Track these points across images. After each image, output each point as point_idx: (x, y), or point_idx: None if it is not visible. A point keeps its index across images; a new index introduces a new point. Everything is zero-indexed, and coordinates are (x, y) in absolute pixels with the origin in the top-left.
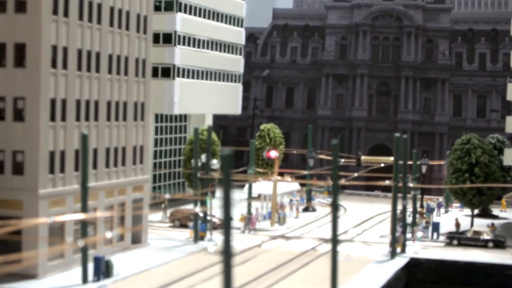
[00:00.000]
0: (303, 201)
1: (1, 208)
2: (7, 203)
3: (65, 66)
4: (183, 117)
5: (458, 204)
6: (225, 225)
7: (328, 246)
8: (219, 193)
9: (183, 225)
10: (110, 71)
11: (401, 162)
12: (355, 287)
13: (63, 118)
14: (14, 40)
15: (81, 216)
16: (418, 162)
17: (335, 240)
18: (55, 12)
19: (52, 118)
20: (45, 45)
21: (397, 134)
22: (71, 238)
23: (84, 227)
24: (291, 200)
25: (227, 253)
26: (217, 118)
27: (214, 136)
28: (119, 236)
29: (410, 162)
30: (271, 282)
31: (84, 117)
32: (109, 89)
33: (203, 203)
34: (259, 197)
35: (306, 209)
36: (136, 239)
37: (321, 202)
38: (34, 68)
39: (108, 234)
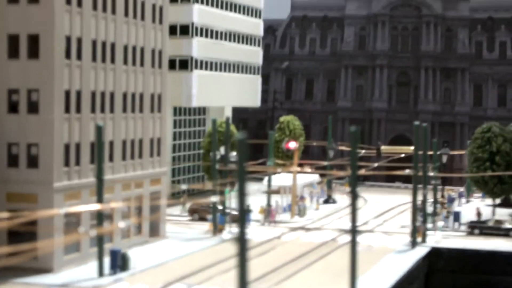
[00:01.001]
0: (324, 193)
1: (16, 202)
2: (22, 196)
3: (79, 57)
4: (202, 110)
5: (480, 194)
6: (240, 205)
7: (348, 237)
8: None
9: (202, 219)
10: (125, 62)
11: (421, 152)
12: (375, 276)
13: (78, 110)
14: (27, 31)
15: (95, 206)
16: (438, 152)
17: (354, 229)
18: (68, 2)
19: (67, 110)
20: (59, 36)
21: (417, 122)
22: (84, 229)
23: (99, 218)
24: (311, 192)
25: (242, 239)
26: (236, 111)
27: (233, 128)
28: (136, 229)
29: (430, 152)
30: (290, 272)
31: (100, 108)
32: (124, 80)
33: (222, 194)
34: (279, 189)
35: (326, 201)
36: (155, 233)
37: (341, 193)
38: (48, 59)
39: (121, 224)
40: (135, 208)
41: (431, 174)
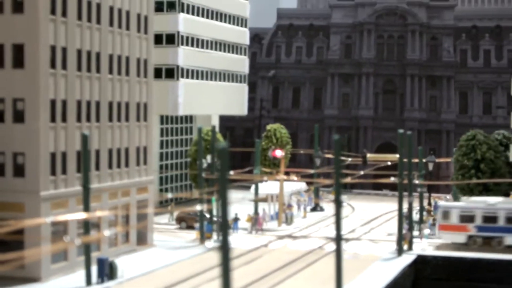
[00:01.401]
0: (311, 201)
1: (2, 211)
2: (9, 205)
3: (64, 66)
4: (189, 119)
5: None
6: (223, 214)
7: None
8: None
9: (190, 227)
10: (111, 71)
11: (406, 160)
12: (361, 284)
13: (64, 119)
14: (12, 41)
15: (81, 215)
16: (424, 160)
17: (339, 237)
18: (53, 12)
19: (53, 119)
20: (44, 45)
21: (401, 131)
22: (69, 237)
23: (86, 227)
24: (298, 200)
25: (224, 248)
26: (224, 119)
27: (219, 136)
28: (124, 238)
29: (416, 160)
30: (277, 281)
31: (86, 118)
32: (110, 89)
33: (209, 202)
34: (266, 198)
35: (314, 209)
36: (142, 241)
37: (329, 201)
38: (33, 68)
39: (106, 233)
40: (122, 217)
41: (417, 181)
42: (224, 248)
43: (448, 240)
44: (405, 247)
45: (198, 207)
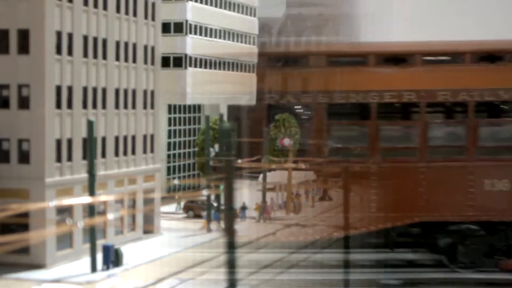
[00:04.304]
0: (319, 191)
1: (7, 197)
2: (14, 192)
3: (70, 52)
4: (197, 108)
5: None
6: (227, 199)
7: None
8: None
9: (197, 216)
10: (117, 58)
11: None
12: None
13: (70, 106)
14: (17, 27)
15: (86, 199)
16: None
17: (347, 225)
18: None
19: (58, 105)
20: (49, 31)
21: None
22: (72, 220)
23: (91, 211)
24: (306, 189)
25: (229, 231)
26: (232, 109)
27: (227, 124)
28: (130, 226)
29: None
30: (284, 268)
31: (92, 104)
32: (117, 76)
33: (216, 189)
34: (274, 186)
35: (322, 199)
36: (148, 229)
37: (337, 191)
38: (38, 54)
39: (111, 216)
40: (128, 205)
41: None
42: (229, 233)
43: None
44: None
45: (204, 193)
